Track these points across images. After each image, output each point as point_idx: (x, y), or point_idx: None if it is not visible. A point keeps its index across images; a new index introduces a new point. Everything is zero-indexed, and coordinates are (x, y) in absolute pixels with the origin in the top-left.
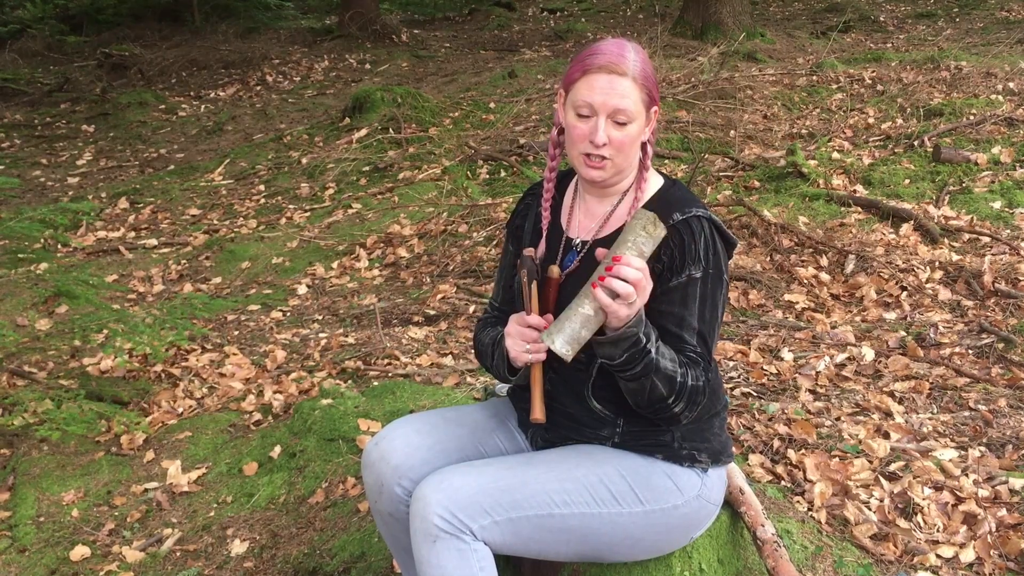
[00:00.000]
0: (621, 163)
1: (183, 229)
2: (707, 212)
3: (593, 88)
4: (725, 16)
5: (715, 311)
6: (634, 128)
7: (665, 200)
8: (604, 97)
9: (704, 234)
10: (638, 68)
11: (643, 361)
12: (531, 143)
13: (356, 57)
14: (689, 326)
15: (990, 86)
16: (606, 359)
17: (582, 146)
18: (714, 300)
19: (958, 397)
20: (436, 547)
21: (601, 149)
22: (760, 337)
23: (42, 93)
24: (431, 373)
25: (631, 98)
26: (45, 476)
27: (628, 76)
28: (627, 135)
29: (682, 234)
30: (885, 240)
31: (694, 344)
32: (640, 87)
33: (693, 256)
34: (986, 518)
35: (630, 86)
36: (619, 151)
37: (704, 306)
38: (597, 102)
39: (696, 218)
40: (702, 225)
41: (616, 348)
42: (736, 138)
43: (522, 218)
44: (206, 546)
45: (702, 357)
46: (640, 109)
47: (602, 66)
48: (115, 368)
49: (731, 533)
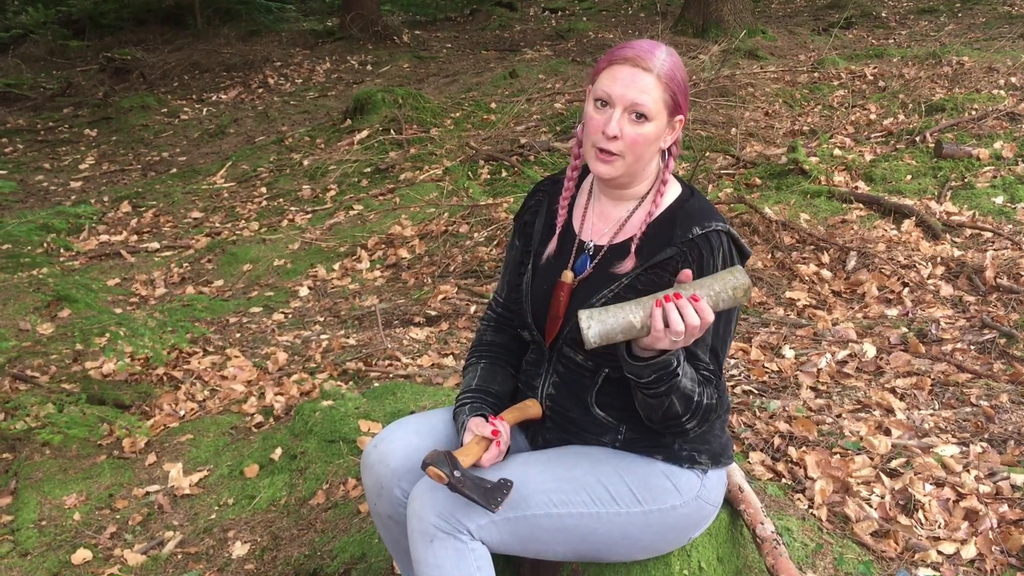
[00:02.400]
0: (632, 163)
1: (185, 232)
2: (726, 225)
3: (615, 79)
4: (726, 14)
5: (729, 326)
6: (651, 128)
7: (684, 211)
8: (623, 89)
9: (723, 249)
10: (665, 67)
11: (669, 383)
12: (532, 143)
13: (357, 59)
14: (703, 343)
15: (992, 81)
16: (633, 375)
17: (595, 138)
18: (728, 316)
19: (960, 393)
20: (433, 546)
21: (612, 143)
22: (761, 335)
23: (45, 98)
24: (432, 374)
25: (651, 95)
26: (47, 480)
27: (652, 73)
28: (641, 133)
29: (701, 249)
30: (887, 236)
31: (707, 361)
32: (664, 87)
33: (711, 272)
34: (987, 514)
35: (653, 83)
36: (631, 148)
37: (719, 322)
38: (616, 93)
39: (715, 232)
40: (721, 240)
41: (647, 369)
42: (737, 136)
43: (532, 214)
44: (207, 549)
45: (715, 375)
46: (660, 109)
47: (628, 58)
48: (117, 371)
49: (730, 531)
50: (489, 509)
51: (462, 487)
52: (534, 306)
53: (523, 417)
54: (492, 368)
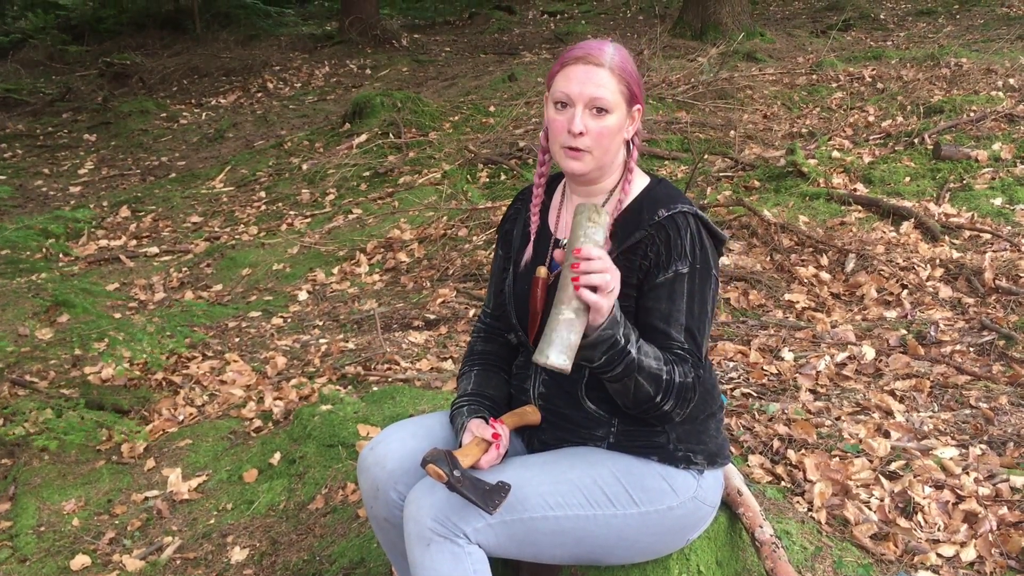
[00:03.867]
0: (601, 156)
1: (184, 237)
2: (693, 208)
3: (570, 79)
4: (724, 16)
5: (704, 307)
6: (613, 120)
7: (651, 198)
8: (580, 87)
9: (690, 229)
10: (616, 61)
11: (623, 362)
12: (531, 146)
13: (356, 62)
14: (676, 322)
15: (990, 82)
16: (586, 362)
17: (562, 138)
18: (703, 296)
19: (959, 395)
20: (430, 550)
21: (579, 140)
22: (760, 337)
23: (44, 103)
24: (431, 377)
25: (608, 88)
26: (46, 486)
27: (605, 67)
28: (605, 126)
29: (667, 230)
30: (886, 238)
31: (681, 340)
32: (618, 79)
33: (679, 252)
34: (987, 516)
35: (607, 76)
36: (598, 142)
37: (692, 302)
38: (574, 92)
39: (681, 214)
40: (687, 220)
41: (594, 351)
42: (736, 138)
43: (511, 223)
44: (206, 554)
45: (690, 353)
46: (619, 101)
47: (579, 57)
48: (116, 376)
49: (729, 535)
50: (486, 511)
51: (460, 487)
52: (517, 307)
53: (522, 422)
54: (486, 374)
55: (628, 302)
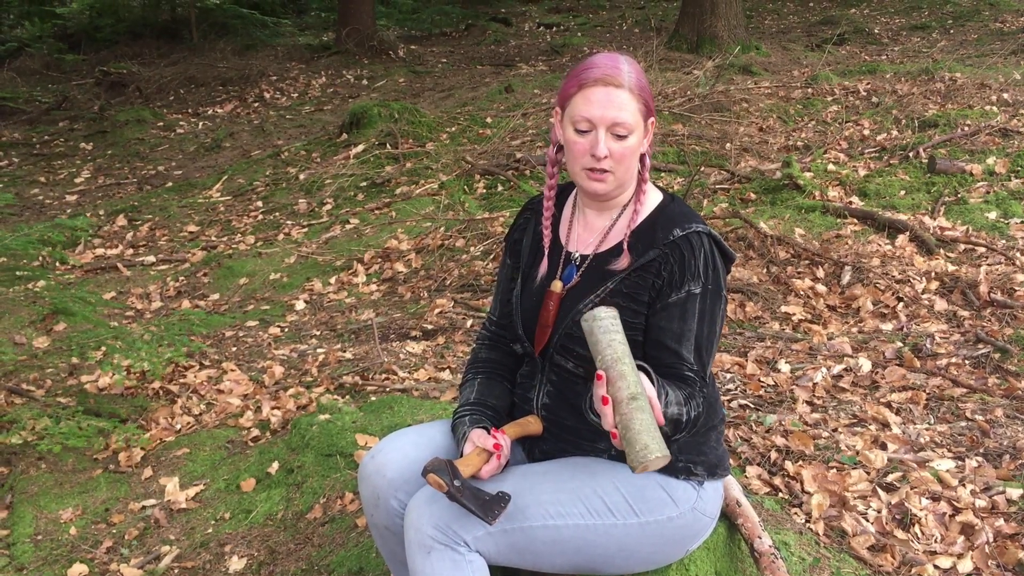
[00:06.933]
0: (622, 175)
1: (181, 246)
2: (707, 228)
3: (591, 102)
4: (720, 30)
5: (713, 326)
6: (633, 140)
7: (665, 215)
8: (603, 111)
9: (704, 250)
10: (633, 79)
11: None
12: (528, 157)
13: (353, 73)
14: (687, 342)
15: (984, 97)
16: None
17: (584, 160)
18: (712, 316)
19: (955, 407)
20: (431, 558)
21: (603, 162)
22: (757, 349)
23: (40, 111)
24: (429, 387)
25: (629, 110)
26: (43, 494)
27: (625, 88)
28: (627, 147)
29: (682, 250)
30: (881, 251)
31: (691, 361)
32: (637, 98)
33: (693, 272)
34: (983, 528)
35: (627, 98)
36: (620, 163)
37: (703, 322)
38: (596, 116)
39: (696, 234)
40: (702, 241)
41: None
42: (732, 151)
43: (521, 232)
44: (204, 563)
45: (698, 375)
46: (638, 120)
47: (598, 79)
48: (113, 385)
49: (728, 545)
50: (486, 521)
51: (461, 496)
52: (524, 317)
53: (524, 433)
54: (489, 383)
55: (638, 319)
